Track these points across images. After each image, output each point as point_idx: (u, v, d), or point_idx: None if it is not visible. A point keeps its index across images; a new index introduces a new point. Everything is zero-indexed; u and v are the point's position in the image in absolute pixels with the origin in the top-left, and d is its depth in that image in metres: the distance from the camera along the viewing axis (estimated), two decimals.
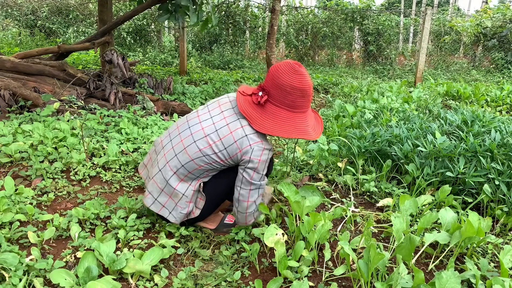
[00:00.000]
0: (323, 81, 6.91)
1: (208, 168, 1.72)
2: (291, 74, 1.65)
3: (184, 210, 1.76)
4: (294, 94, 1.66)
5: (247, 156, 1.65)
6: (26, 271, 1.51)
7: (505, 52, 9.55)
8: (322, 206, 2.30)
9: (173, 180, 1.73)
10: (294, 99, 1.67)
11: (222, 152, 1.67)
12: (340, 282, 1.59)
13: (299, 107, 1.70)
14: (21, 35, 11.25)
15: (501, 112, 4.71)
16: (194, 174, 1.73)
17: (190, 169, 1.71)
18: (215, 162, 1.70)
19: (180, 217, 1.78)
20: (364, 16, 10.26)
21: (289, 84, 1.64)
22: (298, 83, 1.65)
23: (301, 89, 1.66)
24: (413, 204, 1.86)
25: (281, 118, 1.69)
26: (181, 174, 1.72)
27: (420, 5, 13.89)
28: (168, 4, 4.48)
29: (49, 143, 2.80)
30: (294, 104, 1.68)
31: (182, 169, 1.71)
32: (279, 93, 1.66)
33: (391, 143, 2.69)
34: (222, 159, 1.69)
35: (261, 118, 1.68)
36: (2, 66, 4.08)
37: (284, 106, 1.68)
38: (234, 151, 1.66)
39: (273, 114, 1.68)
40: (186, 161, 1.70)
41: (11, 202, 2.01)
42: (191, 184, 1.75)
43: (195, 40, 11.56)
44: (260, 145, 1.66)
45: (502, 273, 1.51)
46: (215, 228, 1.93)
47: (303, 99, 1.68)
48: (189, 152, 1.69)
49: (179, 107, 4.23)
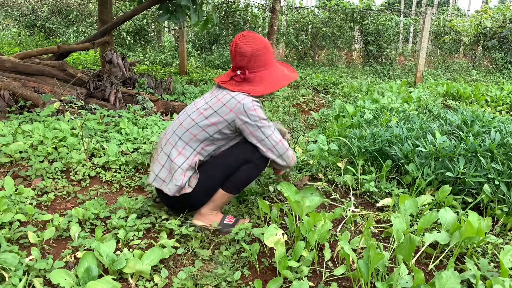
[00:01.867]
0: (323, 81, 6.91)
1: (203, 138, 1.85)
2: (249, 40, 1.84)
3: (178, 182, 1.83)
4: (262, 53, 1.86)
5: (241, 111, 1.80)
6: (26, 271, 1.51)
7: (505, 52, 9.55)
8: (323, 206, 2.30)
9: (173, 154, 1.86)
10: (265, 57, 1.87)
11: (213, 115, 1.82)
12: (340, 282, 1.59)
13: (269, 62, 1.90)
14: (21, 35, 11.25)
15: (501, 112, 4.71)
16: (191, 146, 1.86)
17: (187, 139, 1.85)
18: (208, 127, 1.83)
19: (174, 189, 1.84)
20: (364, 16, 10.26)
21: (255, 48, 1.84)
22: (260, 42, 1.86)
23: (264, 45, 1.87)
24: (413, 204, 1.86)
25: (266, 78, 1.89)
26: (179, 147, 1.86)
27: (420, 5, 13.89)
28: (168, 4, 4.48)
29: (49, 143, 2.80)
30: (266, 61, 1.88)
31: (179, 141, 1.86)
32: (252, 61, 1.85)
33: (391, 143, 2.69)
34: (213, 122, 1.82)
35: (252, 87, 1.87)
36: (2, 66, 4.08)
37: (261, 68, 1.88)
38: (224, 111, 1.81)
39: (258, 78, 1.88)
40: (182, 133, 1.87)
41: (11, 202, 2.01)
42: (188, 158, 1.85)
43: (195, 40, 11.56)
44: (247, 99, 1.81)
45: (502, 273, 1.51)
46: (215, 229, 1.93)
47: (269, 52, 1.90)
48: (184, 125, 1.88)
49: (179, 107, 4.23)
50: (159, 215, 2.03)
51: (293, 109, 4.83)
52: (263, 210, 1.92)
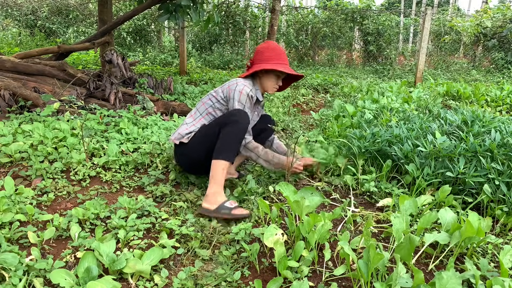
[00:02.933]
0: (323, 81, 6.91)
1: (208, 106, 2.35)
2: (262, 44, 2.44)
3: (182, 132, 2.31)
4: (266, 51, 2.36)
5: (232, 88, 2.27)
6: (26, 271, 1.51)
7: (505, 52, 9.55)
8: (323, 206, 2.30)
9: (187, 118, 2.39)
10: (269, 54, 2.34)
11: (217, 91, 2.38)
12: (340, 282, 1.59)
13: (271, 59, 2.33)
14: (21, 35, 11.26)
15: (501, 112, 4.70)
16: (199, 111, 2.37)
17: (198, 106, 2.40)
18: (212, 97, 2.36)
19: (176, 136, 2.32)
20: (364, 16, 10.26)
21: (260, 47, 2.41)
22: (265, 43, 2.42)
23: (268, 46, 2.38)
24: (413, 204, 1.86)
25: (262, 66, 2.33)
26: (192, 112, 2.41)
27: (420, 5, 13.89)
28: (168, 4, 4.49)
29: (49, 143, 2.80)
30: (268, 58, 2.34)
31: (193, 110, 2.41)
32: (256, 56, 2.38)
33: (391, 143, 2.69)
34: (215, 95, 2.36)
35: (250, 71, 2.36)
36: (2, 66, 4.08)
37: (264, 61, 2.34)
38: (224, 88, 2.34)
39: (259, 65, 2.34)
40: (198, 104, 2.42)
41: (11, 202, 2.01)
42: (195, 119, 2.36)
43: (195, 40, 11.56)
44: (242, 83, 2.29)
45: (502, 273, 1.51)
46: (215, 209, 2.02)
47: (272, 52, 2.35)
48: (202, 99, 2.43)
49: (179, 107, 4.23)
50: (159, 215, 2.03)
51: (293, 109, 4.84)
52: (263, 210, 1.92)
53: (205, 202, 2.08)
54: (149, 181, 2.46)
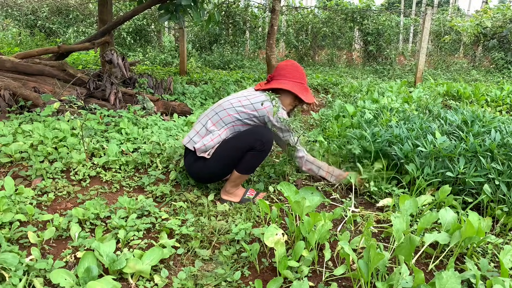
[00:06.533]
0: (323, 81, 6.91)
1: (234, 119, 2.24)
2: (283, 62, 2.44)
3: (207, 143, 2.21)
4: (284, 69, 2.39)
5: (269, 110, 2.25)
6: (26, 271, 1.51)
7: (505, 52, 9.54)
8: (323, 206, 2.30)
9: (209, 124, 2.27)
10: (286, 71, 2.38)
11: (248, 106, 2.26)
12: (340, 282, 1.59)
13: (290, 77, 2.37)
14: (21, 35, 11.25)
15: (501, 112, 4.70)
16: (224, 121, 2.25)
17: (222, 116, 2.26)
18: (242, 114, 2.25)
19: (200, 147, 2.21)
20: (364, 16, 10.25)
21: (280, 65, 2.43)
22: (285, 62, 2.43)
23: (287, 64, 2.41)
24: (413, 204, 1.86)
25: (282, 83, 2.36)
26: (214, 120, 2.27)
27: (420, 5, 13.88)
28: (168, 4, 4.48)
29: (49, 143, 2.80)
30: (287, 76, 2.37)
31: (216, 116, 2.27)
32: (276, 72, 2.40)
33: (391, 143, 2.69)
34: (245, 111, 2.25)
35: (270, 86, 2.38)
36: (2, 66, 4.08)
37: (283, 78, 2.37)
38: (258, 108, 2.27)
39: (277, 82, 2.37)
40: (219, 110, 2.28)
41: (11, 202, 2.01)
42: (219, 130, 2.26)
43: (195, 40, 11.55)
44: (282, 108, 2.31)
45: (502, 273, 1.51)
46: (239, 201, 2.27)
47: (290, 70, 2.39)
48: (223, 105, 2.29)
49: (179, 107, 4.23)
50: (159, 215, 2.03)
51: None
52: (263, 210, 1.92)
53: (225, 195, 2.28)
54: (149, 181, 2.46)
